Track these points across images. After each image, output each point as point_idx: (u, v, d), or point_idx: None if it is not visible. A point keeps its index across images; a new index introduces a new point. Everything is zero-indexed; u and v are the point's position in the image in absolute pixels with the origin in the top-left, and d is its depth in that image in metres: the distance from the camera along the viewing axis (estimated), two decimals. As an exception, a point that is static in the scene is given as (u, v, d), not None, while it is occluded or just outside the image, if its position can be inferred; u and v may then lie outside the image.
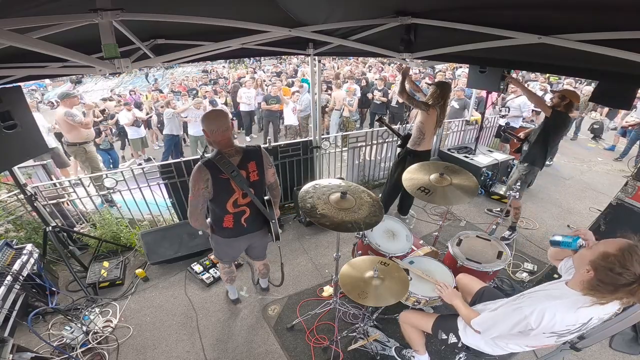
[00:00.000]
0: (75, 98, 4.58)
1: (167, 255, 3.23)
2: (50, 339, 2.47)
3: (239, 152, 1.91)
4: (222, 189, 1.90)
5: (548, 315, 1.28)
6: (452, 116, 6.49)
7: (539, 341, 1.44)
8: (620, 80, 1.74)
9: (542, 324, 1.29)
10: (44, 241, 2.96)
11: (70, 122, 4.33)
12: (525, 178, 3.42)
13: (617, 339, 2.38)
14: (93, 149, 4.80)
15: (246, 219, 2.08)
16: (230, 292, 2.85)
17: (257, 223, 2.16)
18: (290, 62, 16.01)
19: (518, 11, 1.51)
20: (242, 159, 1.91)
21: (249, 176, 1.94)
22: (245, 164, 1.92)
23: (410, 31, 2.07)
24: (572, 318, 1.29)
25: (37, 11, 1.32)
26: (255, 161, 1.96)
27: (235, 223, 2.06)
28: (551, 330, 1.32)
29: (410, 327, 2.03)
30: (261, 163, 2.00)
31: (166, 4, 1.68)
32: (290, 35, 1.95)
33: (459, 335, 1.75)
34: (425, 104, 3.10)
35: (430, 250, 2.56)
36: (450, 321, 1.82)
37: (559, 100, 3.09)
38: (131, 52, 1.84)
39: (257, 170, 1.97)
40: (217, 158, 1.83)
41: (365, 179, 4.89)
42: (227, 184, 1.89)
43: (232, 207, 1.99)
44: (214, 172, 1.83)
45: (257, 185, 2.02)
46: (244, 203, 2.02)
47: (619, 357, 2.39)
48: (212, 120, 1.82)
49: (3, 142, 2.09)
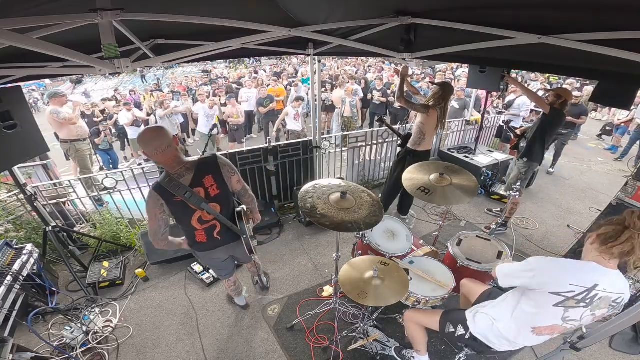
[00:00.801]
0: (64, 97, 4.58)
1: (167, 255, 3.23)
2: (50, 339, 2.47)
3: (190, 170, 1.75)
4: (180, 210, 1.80)
5: (550, 265, 1.42)
6: (452, 116, 6.49)
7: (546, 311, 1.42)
8: (620, 80, 1.74)
9: (542, 276, 1.41)
10: (44, 241, 2.96)
11: (56, 119, 4.35)
12: (525, 174, 3.48)
13: (617, 339, 2.38)
14: (84, 148, 4.74)
15: (219, 233, 1.98)
16: (238, 300, 2.78)
17: (231, 235, 2.03)
18: (290, 62, 16.02)
19: (518, 11, 1.51)
20: (195, 176, 1.76)
21: (208, 192, 1.80)
22: (200, 181, 1.78)
23: (410, 31, 2.07)
24: (575, 277, 1.34)
25: (37, 11, 1.32)
26: (211, 174, 1.81)
27: (208, 237, 1.97)
28: (555, 287, 1.36)
29: (415, 326, 2.03)
30: (219, 174, 1.85)
31: (166, 4, 1.68)
32: (290, 35, 1.95)
33: (467, 326, 1.75)
34: (424, 107, 3.10)
35: (430, 250, 2.56)
36: (457, 314, 1.84)
37: (555, 99, 3.20)
38: (131, 52, 1.84)
39: (215, 184, 1.83)
40: (166, 182, 1.68)
41: (365, 179, 4.89)
42: (184, 206, 1.77)
43: (199, 224, 1.89)
44: (167, 196, 1.71)
45: (221, 198, 1.88)
46: (211, 218, 1.90)
47: (619, 357, 2.39)
48: (147, 142, 1.62)
49: (3, 142, 2.09)
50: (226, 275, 2.42)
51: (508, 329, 1.59)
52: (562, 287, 1.35)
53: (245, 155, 3.73)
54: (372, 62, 13.43)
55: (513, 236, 3.74)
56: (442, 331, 1.86)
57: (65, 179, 3.71)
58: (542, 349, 2.39)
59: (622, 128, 6.91)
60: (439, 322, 1.87)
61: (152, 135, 1.63)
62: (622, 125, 6.87)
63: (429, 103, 3.14)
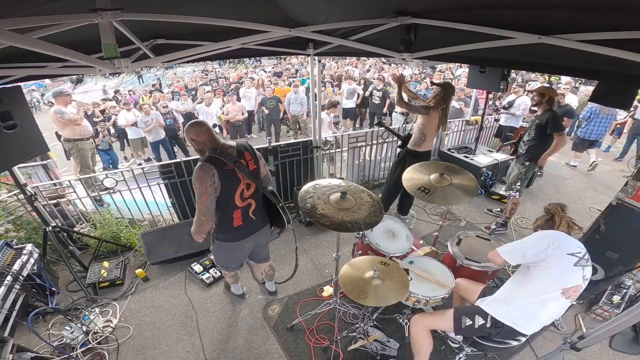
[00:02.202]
0: (68, 96, 4.62)
1: (167, 255, 3.23)
2: (50, 339, 2.47)
3: (232, 147, 1.98)
4: (229, 180, 1.93)
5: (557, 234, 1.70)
6: (452, 116, 6.49)
7: (569, 271, 1.60)
8: (620, 80, 1.74)
9: (558, 238, 1.67)
10: (44, 241, 2.96)
11: (60, 119, 4.38)
12: (525, 174, 3.49)
13: (617, 339, 2.38)
14: (86, 147, 4.77)
15: (254, 212, 2.13)
16: (234, 289, 2.87)
17: (263, 215, 2.25)
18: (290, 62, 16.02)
19: (518, 11, 1.51)
20: (237, 151, 1.98)
21: (247, 165, 2.00)
22: (242, 154, 1.99)
23: (410, 31, 2.07)
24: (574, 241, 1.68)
25: (37, 11, 1.32)
26: (248, 152, 2.03)
27: (244, 219, 2.10)
28: (570, 249, 1.61)
29: (422, 330, 1.97)
30: (254, 153, 2.08)
31: (166, 4, 1.68)
32: (290, 35, 1.95)
33: (485, 312, 1.76)
34: (425, 108, 3.09)
35: (430, 250, 2.56)
36: (469, 307, 1.86)
37: (540, 98, 3.22)
38: (131, 52, 1.84)
39: (252, 159, 2.04)
40: (218, 152, 1.87)
41: (365, 179, 4.89)
42: (233, 174, 1.94)
43: (240, 200, 2.03)
44: (218, 165, 1.86)
45: (257, 175, 2.08)
46: (249, 195, 2.06)
47: (619, 357, 2.39)
48: (191, 127, 1.91)
49: (3, 142, 2.09)
50: (236, 267, 2.50)
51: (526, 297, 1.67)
52: (573, 249, 1.61)
53: (245, 155, 3.72)
54: (372, 62, 13.43)
55: (513, 236, 3.73)
56: (458, 327, 1.84)
57: (65, 179, 3.71)
58: (542, 349, 2.39)
59: (617, 129, 6.94)
60: (452, 319, 1.85)
61: (195, 122, 1.96)
62: (618, 126, 6.90)
63: (430, 104, 3.13)
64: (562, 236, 1.69)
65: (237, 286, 2.85)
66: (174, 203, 3.63)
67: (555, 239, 1.66)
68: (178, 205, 3.64)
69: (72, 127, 4.50)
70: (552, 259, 1.61)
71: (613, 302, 2.57)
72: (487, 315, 1.74)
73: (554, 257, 1.61)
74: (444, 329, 1.94)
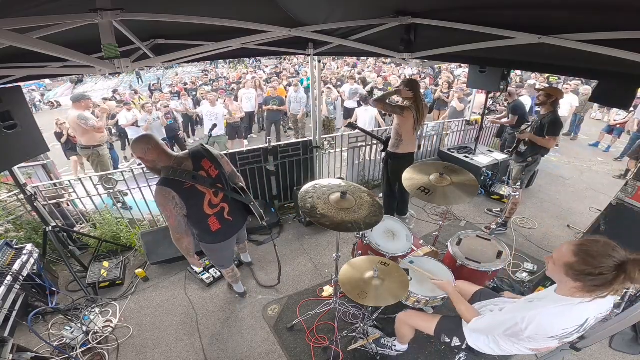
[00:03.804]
0: (89, 100, 4.54)
1: (167, 255, 3.23)
2: (50, 339, 2.47)
3: (186, 159, 1.92)
4: (191, 197, 1.90)
5: (538, 320, 1.30)
6: (452, 116, 6.49)
7: (540, 344, 1.44)
8: (620, 80, 1.74)
9: (533, 329, 1.31)
10: (44, 241, 2.96)
11: (84, 126, 4.28)
12: (530, 167, 3.50)
13: (617, 339, 2.38)
14: (106, 152, 4.77)
15: (229, 213, 2.12)
16: (236, 288, 2.90)
17: (240, 214, 2.24)
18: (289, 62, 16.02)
19: (518, 11, 1.51)
20: (193, 162, 1.92)
21: (209, 174, 1.97)
22: (199, 165, 1.94)
23: (410, 31, 2.06)
24: (565, 321, 1.30)
25: (37, 11, 1.32)
26: (206, 158, 1.98)
27: (221, 222, 2.09)
28: (548, 335, 1.33)
29: (408, 329, 2.03)
30: (212, 157, 2.02)
31: (166, 4, 1.67)
32: (290, 35, 1.95)
33: (464, 337, 1.73)
34: (400, 108, 3.05)
35: (430, 250, 2.56)
36: (454, 323, 1.81)
37: (546, 99, 3.20)
38: (131, 52, 1.84)
39: (213, 165, 2.00)
40: (170, 173, 1.82)
41: (365, 179, 4.89)
42: (194, 190, 1.90)
43: (210, 209, 2.00)
44: (175, 187, 1.82)
45: (221, 179, 2.05)
46: (219, 201, 2.05)
47: (619, 357, 2.39)
48: (137, 144, 1.86)
49: (3, 142, 2.09)
50: (230, 263, 2.53)
51: (504, 344, 1.58)
52: (556, 332, 1.32)
53: (245, 155, 3.73)
54: (371, 63, 13.43)
55: (513, 236, 3.73)
56: (437, 339, 1.86)
57: (66, 179, 3.71)
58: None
59: (617, 129, 6.95)
60: (434, 330, 1.85)
61: (141, 138, 1.89)
62: (618, 126, 6.92)
63: (403, 104, 3.10)
64: (547, 322, 1.30)
65: (239, 285, 2.87)
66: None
67: (534, 327, 1.31)
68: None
69: (92, 133, 4.39)
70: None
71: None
72: (464, 340, 1.73)
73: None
74: (427, 332, 1.93)
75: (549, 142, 3.23)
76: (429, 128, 5.07)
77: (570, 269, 1.20)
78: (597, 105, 8.74)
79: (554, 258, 1.29)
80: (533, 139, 3.26)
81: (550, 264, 1.32)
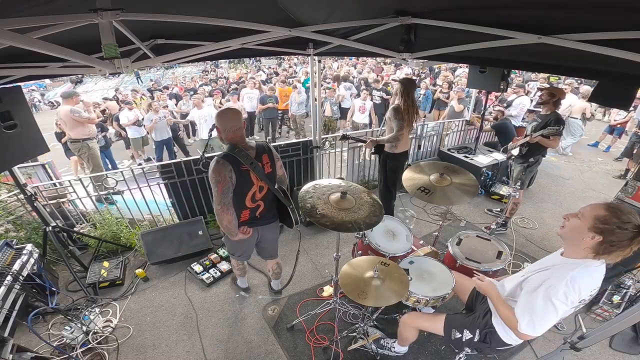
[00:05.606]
0: (78, 96, 4.77)
1: (167, 255, 3.23)
2: (50, 339, 2.47)
3: (252, 147, 2.00)
4: (242, 181, 1.95)
5: (578, 282, 1.32)
6: (452, 116, 6.49)
7: (566, 313, 1.42)
8: (620, 80, 1.74)
9: (578, 291, 1.33)
10: (44, 241, 2.96)
11: (77, 118, 4.48)
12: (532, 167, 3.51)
13: (617, 339, 2.38)
14: (96, 145, 4.92)
15: (260, 213, 2.19)
16: (240, 282, 2.92)
17: (269, 215, 2.28)
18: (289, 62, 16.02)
19: (518, 11, 1.51)
20: (256, 152, 2.00)
21: (263, 167, 2.02)
22: (260, 157, 2.01)
23: (411, 31, 2.06)
24: (593, 282, 1.36)
25: (37, 11, 1.32)
26: (267, 154, 2.05)
27: (250, 216, 2.16)
28: (581, 297, 1.35)
29: (412, 330, 2.01)
30: (272, 155, 2.10)
31: (166, 4, 1.67)
32: (290, 35, 1.95)
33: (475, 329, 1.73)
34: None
35: (430, 250, 2.56)
36: (460, 319, 1.82)
37: (549, 98, 3.20)
38: (131, 52, 1.84)
39: (269, 162, 2.07)
40: (236, 151, 1.89)
41: (365, 179, 4.89)
42: (247, 176, 1.96)
43: (251, 202, 2.06)
44: (234, 164, 1.88)
45: (272, 177, 2.12)
46: (260, 197, 2.10)
47: (619, 357, 2.39)
48: (226, 120, 1.91)
49: (3, 142, 2.09)
50: (243, 257, 2.53)
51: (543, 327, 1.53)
52: (584, 295, 1.35)
53: (245, 155, 3.72)
54: (371, 63, 13.42)
55: (513, 236, 3.74)
56: (447, 338, 1.84)
57: (66, 179, 3.71)
58: (542, 349, 2.39)
59: (617, 129, 6.96)
60: (443, 328, 1.85)
61: (233, 116, 1.93)
62: (618, 126, 6.93)
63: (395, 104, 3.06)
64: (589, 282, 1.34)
65: (244, 279, 2.91)
66: (174, 203, 3.63)
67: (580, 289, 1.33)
68: (178, 205, 3.65)
69: (82, 127, 4.59)
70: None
71: (613, 302, 2.57)
72: (475, 329, 1.72)
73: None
74: (434, 332, 1.92)
75: (554, 142, 3.22)
76: (429, 128, 5.06)
77: (599, 221, 1.26)
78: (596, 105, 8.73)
79: (582, 212, 1.33)
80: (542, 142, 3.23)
81: (573, 220, 1.35)
